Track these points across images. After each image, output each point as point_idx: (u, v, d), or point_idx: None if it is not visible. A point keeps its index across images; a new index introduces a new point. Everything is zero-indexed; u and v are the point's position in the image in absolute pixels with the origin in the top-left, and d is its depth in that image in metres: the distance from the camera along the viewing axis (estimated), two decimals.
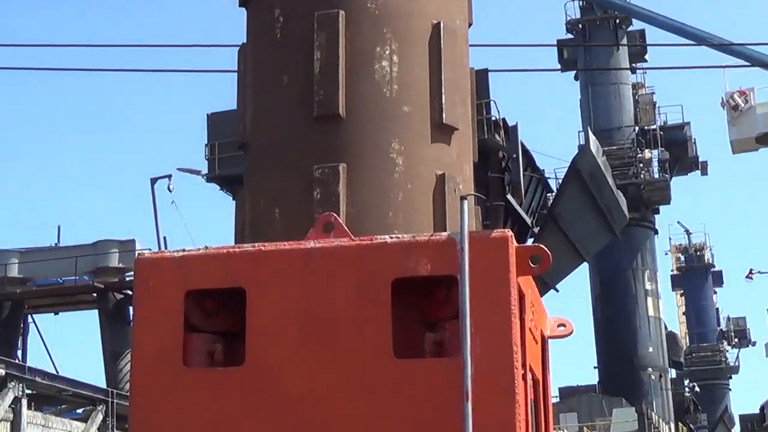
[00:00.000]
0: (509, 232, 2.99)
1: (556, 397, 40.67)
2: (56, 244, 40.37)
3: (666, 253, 79.50)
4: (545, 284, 31.24)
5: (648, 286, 47.20)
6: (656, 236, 49.74)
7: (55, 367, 40.06)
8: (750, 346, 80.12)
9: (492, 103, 29.57)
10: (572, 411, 38.57)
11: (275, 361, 2.98)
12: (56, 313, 40.64)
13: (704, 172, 51.37)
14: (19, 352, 39.08)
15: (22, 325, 39.85)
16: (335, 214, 3.26)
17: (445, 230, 3.55)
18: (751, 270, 66.69)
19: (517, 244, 2.99)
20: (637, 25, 48.10)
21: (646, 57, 50.21)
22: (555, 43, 48.68)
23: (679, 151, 49.46)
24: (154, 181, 38.20)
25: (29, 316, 40.61)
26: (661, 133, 49.15)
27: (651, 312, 46.87)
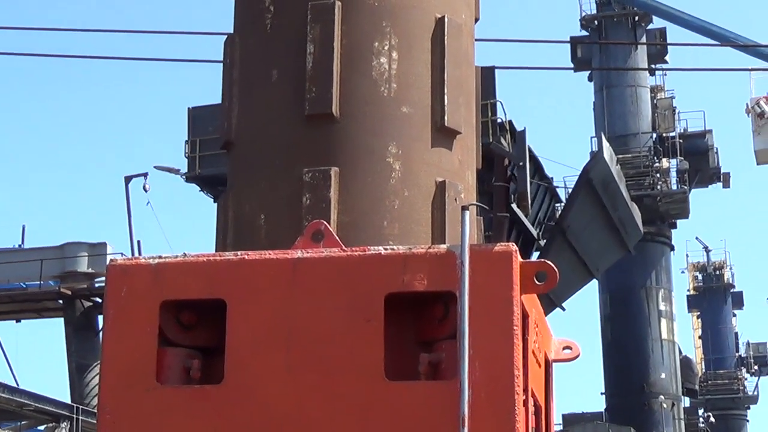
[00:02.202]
0: (514, 247, 3.00)
1: (560, 424, 40.68)
2: (20, 245, 40.28)
3: (682, 272, 79.45)
4: (551, 302, 31.21)
5: (662, 307, 47.13)
6: (672, 253, 49.68)
7: (15, 379, 39.97)
8: None
9: (498, 104, 29.59)
10: None
11: (257, 380, 2.98)
12: (18, 321, 40.51)
13: (726, 185, 51.30)
14: None
15: None
16: (325, 222, 3.27)
17: (444, 242, 3.56)
18: None
19: (521, 260, 3.00)
20: (657, 22, 48.12)
21: (667, 58, 50.19)
22: (568, 39, 48.66)
23: (700, 161, 49.42)
24: (128, 179, 38.12)
25: None
26: (681, 141, 49.10)
27: (664, 335, 46.82)
